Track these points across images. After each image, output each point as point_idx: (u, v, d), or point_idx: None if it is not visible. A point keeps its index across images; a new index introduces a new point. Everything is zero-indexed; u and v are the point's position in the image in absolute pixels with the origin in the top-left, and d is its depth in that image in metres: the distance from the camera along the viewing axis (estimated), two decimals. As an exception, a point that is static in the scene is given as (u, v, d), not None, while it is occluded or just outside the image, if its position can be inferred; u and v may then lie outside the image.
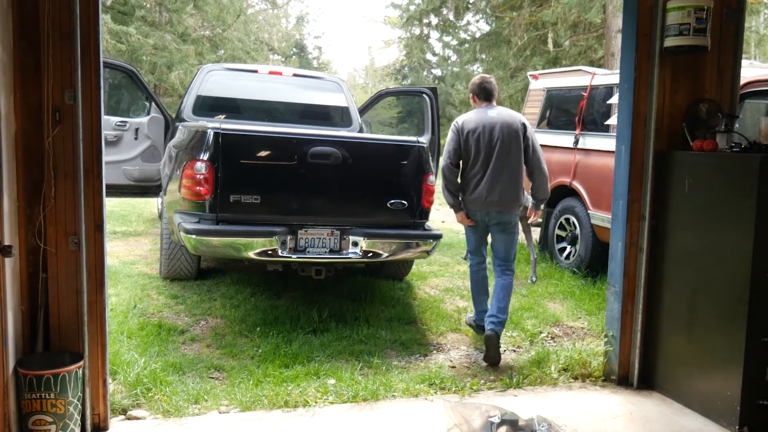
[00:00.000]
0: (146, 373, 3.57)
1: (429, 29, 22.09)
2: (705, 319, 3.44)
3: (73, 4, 2.82)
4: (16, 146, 2.78)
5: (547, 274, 6.51)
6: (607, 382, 3.90)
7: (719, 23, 3.66)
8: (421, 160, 4.79)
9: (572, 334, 4.95)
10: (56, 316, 2.96)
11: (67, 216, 2.92)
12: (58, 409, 2.81)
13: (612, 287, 3.90)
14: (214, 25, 19.84)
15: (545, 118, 7.54)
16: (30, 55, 2.83)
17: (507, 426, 3.22)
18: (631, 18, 3.70)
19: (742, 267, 3.18)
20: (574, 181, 6.56)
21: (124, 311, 4.82)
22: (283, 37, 29.51)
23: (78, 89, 2.86)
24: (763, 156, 3.11)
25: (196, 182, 4.43)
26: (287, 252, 4.49)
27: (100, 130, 2.96)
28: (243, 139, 4.57)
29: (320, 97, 7.05)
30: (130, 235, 8.05)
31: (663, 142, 3.69)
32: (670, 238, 3.66)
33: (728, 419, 3.26)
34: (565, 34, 16.91)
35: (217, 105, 6.50)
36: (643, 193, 3.72)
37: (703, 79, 3.72)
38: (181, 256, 5.53)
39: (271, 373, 3.84)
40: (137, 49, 16.55)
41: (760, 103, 5.48)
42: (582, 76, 7.04)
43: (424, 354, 4.42)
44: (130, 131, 6.86)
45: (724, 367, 3.30)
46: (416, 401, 3.58)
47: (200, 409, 3.37)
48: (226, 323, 4.76)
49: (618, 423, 3.38)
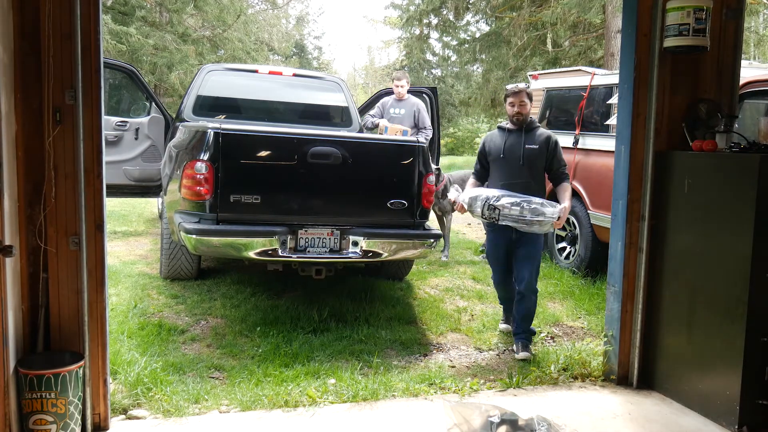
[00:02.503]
0: (146, 373, 3.57)
1: (429, 29, 22.05)
2: (704, 318, 3.44)
3: (74, 5, 2.83)
4: (16, 146, 2.78)
5: (547, 274, 6.51)
6: (607, 381, 3.91)
7: (719, 23, 3.67)
8: (421, 160, 4.80)
9: (572, 334, 4.95)
10: (57, 316, 2.97)
11: (67, 216, 2.93)
12: (59, 409, 2.82)
13: (611, 287, 3.91)
14: (214, 26, 19.82)
15: (545, 118, 7.54)
16: (31, 55, 2.84)
17: (507, 426, 3.23)
18: (631, 18, 3.70)
19: (741, 267, 3.18)
20: (574, 181, 6.56)
21: (124, 311, 4.82)
22: (283, 37, 29.48)
23: (78, 89, 2.87)
24: (762, 156, 3.11)
25: (197, 182, 4.43)
26: (287, 252, 4.49)
27: (101, 130, 2.97)
28: (243, 139, 4.57)
29: (320, 97, 7.06)
30: (131, 235, 8.06)
31: (662, 142, 3.70)
32: (669, 238, 3.67)
33: (728, 419, 3.26)
34: (564, 35, 16.90)
35: (217, 105, 6.51)
36: (643, 193, 3.73)
37: (703, 80, 3.73)
38: (182, 256, 5.53)
39: (271, 372, 3.84)
40: (137, 49, 16.53)
41: (760, 103, 5.49)
42: (582, 76, 7.05)
43: (424, 354, 4.42)
44: (131, 131, 6.87)
45: (724, 366, 3.31)
46: (416, 401, 3.58)
47: (200, 409, 3.37)
48: (227, 323, 4.76)
49: (617, 422, 3.38)
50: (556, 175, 4.50)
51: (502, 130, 4.55)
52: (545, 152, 4.42)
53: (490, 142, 4.58)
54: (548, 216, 4.17)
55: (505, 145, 4.46)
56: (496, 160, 4.51)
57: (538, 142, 4.42)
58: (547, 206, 4.21)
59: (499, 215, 4.22)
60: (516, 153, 4.41)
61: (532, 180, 4.41)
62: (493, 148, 4.53)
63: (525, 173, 4.40)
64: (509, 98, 4.46)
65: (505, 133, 4.51)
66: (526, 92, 4.43)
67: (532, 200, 4.23)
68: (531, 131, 4.47)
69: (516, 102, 4.42)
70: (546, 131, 4.54)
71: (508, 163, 4.44)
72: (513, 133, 4.48)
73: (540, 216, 4.17)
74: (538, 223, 4.18)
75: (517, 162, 4.40)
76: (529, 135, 4.45)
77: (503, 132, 4.53)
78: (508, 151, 4.44)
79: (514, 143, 4.44)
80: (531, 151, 4.40)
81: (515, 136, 4.46)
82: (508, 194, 4.28)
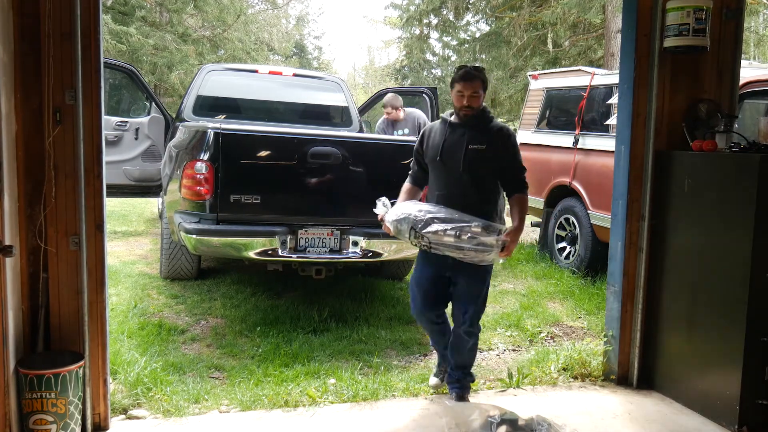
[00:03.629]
0: (146, 373, 3.57)
1: (429, 29, 22.06)
2: (704, 318, 3.44)
3: (74, 5, 2.83)
4: (17, 146, 2.78)
5: (547, 273, 6.52)
6: (607, 381, 3.91)
7: (718, 23, 3.67)
8: None
9: (572, 334, 4.95)
10: (57, 316, 2.97)
11: (67, 216, 2.93)
12: (59, 409, 2.82)
13: (611, 287, 3.91)
14: (214, 26, 19.82)
15: (545, 118, 7.55)
16: (31, 55, 2.83)
17: (507, 426, 3.23)
18: (631, 18, 3.70)
19: (741, 267, 3.18)
20: (574, 181, 6.57)
21: (124, 311, 4.82)
22: (283, 37, 29.48)
23: (79, 89, 2.87)
24: (762, 156, 3.11)
25: (197, 182, 4.43)
26: (287, 252, 4.49)
27: (101, 130, 2.97)
28: (243, 139, 4.58)
29: (320, 97, 7.07)
30: (131, 235, 8.06)
31: (662, 142, 3.70)
32: (669, 238, 3.67)
33: (727, 419, 3.26)
34: (564, 35, 16.91)
35: (217, 105, 6.52)
36: (643, 193, 3.73)
37: (703, 79, 3.73)
38: (182, 255, 5.54)
39: (271, 372, 3.84)
40: (138, 49, 16.53)
41: (760, 103, 5.49)
42: (582, 76, 7.05)
43: (424, 354, 4.42)
44: (131, 131, 6.87)
45: (724, 366, 3.31)
46: (416, 401, 3.58)
47: (200, 409, 3.37)
48: (227, 323, 4.77)
49: (617, 422, 3.38)
50: (511, 184, 3.46)
51: (445, 123, 3.48)
52: (497, 153, 3.37)
53: (429, 137, 3.52)
54: (488, 246, 3.23)
55: (444, 145, 3.40)
56: (432, 163, 3.48)
57: (487, 140, 3.35)
58: (489, 232, 3.25)
59: (429, 243, 3.29)
60: (456, 155, 3.35)
61: (476, 191, 3.38)
62: (431, 147, 3.48)
63: (467, 182, 3.37)
64: (457, 84, 3.35)
65: (447, 128, 3.44)
66: (481, 79, 3.35)
67: (470, 223, 3.23)
68: (479, 126, 3.39)
69: (466, 92, 3.32)
70: (499, 124, 3.46)
71: (447, 168, 3.40)
72: (456, 129, 3.41)
73: (480, 245, 3.22)
74: (479, 252, 3.23)
75: (456, 167, 3.35)
76: (477, 131, 3.37)
77: (445, 126, 3.47)
78: (447, 152, 3.38)
79: (455, 142, 3.38)
80: (476, 154, 3.34)
81: (458, 133, 3.39)
82: (440, 215, 3.28)
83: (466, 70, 3.36)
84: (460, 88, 3.34)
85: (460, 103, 3.36)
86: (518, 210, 3.42)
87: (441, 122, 3.53)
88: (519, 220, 3.38)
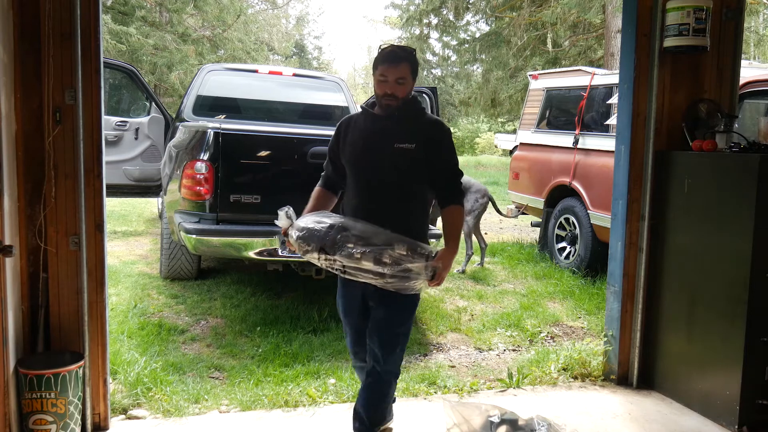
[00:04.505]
0: (146, 373, 3.57)
1: (429, 29, 22.08)
2: (704, 318, 3.44)
3: (74, 5, 2.83)
4: (16, 146, 2.78)
5: (547, 273, 6.52)
6: (607, 381, 3.91)
7: (719, 23, 3.67)
8: None
9: (572, 334, 4.95)
10: (57, 316, 2.97)
11: (67, 216, 2.93)
12: (59, 409, 2.82)
13: (611, 287, 3.91)
14: (214, 26, 19.84)
15: (545, 118, 7.55)
16: (30, 55, 2.83)
17: (507, 425, 3.23)
18: (631, 18, 3.70)
19: (741, 267, 3.18)
20: (574, 181, 6.57)
21: (124, 311, 4.82)
22: (283, 37, 29.52)
23: (78, 89, 2.86)
24: (762, 156, 3.11)
25: (197, 182, 4.43)
26: (287, 252, 4.49)
27: (101, 130, 2.97)
28: (243, 139, 4.58)
29: (320, 97, 7.06)
30: (131, 235, 8.06)
31: (662, 142, 3.70)
32: (669, 238, 3.67)
33: (727, 419, 3.26)
34: (564, 35, 16.93)
35: (217, 105, 6.51)
36: (643, 193, 3.73)
37: (703, 79, 3.73)
38: (182, 255, 5.54)
39: (271, 372, 3.84)
40: (137, 49, 16.56)
41: (760, 103, 5.49)
42: (582, 76, 7.05)
43: (424, 354, 4.42)
44: (131, 131, 6.88)
45: (724, 366, 3.31)
46: (416, 401, 3.58)
47: (200, 409, 3.37)
48: (227, 323, 4.77)
49: (617, 422, 3.38)
50: (443, 192, 2.72)
51: (367, 114, 2.76)
52: (429, 154, 2.64)
53: (345, 132, 2.79)
54: (414, 273, 2.53)
55: (363, 143, 2.70)
56: (349, 163, 2.75)
57: (416, 138, 2.62)
58: (416, 255, 2.54)
59: (344, 267, 2.60)
60: (377, 156, 2.66)
61: (401, 201, 2.68)
62: (348, 144, 2.75)
63: (390, 190, 2.67)
64: (380, 67, 2.63)
65: (368, 121, 2.74)
66: (409, 62, 2.64)
67: (393, 245, 2.53)
68: (408, 119, 2.68)
69: (390, 77, 2.60)
70: (433, 118, 2.75)
71: (365, 171, 2.70)
72: (378, 122, 2.69)
73: (405, 272, 2.53)
74: (403, 280, 2.54)
75: (377, 171, 2.66)
76: (404, 126, 2.66)
77: (366, 118, 2.75)
78: (365, 151, 2.69)
79: (377, 140, 2.67)
80: (402, 154, 2.62)
81: (381, 127, 2.68)
82: (356, 231, 2.58)
83: (391, 49, 2.65)
84: (382, 71, 2.61)
85: (383, 91, 2.62)
86: (452, 226, 2.71)
87: (362, 114, 2.79)
88: (453, 240, 2.69)
